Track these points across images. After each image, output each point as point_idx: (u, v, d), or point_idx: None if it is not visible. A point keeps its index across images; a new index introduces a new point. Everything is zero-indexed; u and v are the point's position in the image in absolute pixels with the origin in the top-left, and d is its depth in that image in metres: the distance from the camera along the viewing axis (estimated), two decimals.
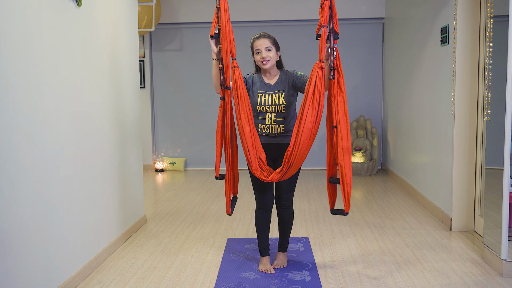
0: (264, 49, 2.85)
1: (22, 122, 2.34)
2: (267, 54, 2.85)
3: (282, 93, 2.88)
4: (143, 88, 7.05)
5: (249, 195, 5.29)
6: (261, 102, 2.89)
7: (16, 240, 2.30)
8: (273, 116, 2.89)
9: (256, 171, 2.78)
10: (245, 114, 2.74)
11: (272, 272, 3.03)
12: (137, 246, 3.61)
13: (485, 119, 3.22)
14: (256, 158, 2.78)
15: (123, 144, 3.73)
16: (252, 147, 2.76)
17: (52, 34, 2.63)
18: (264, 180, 2.79)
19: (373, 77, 7.01)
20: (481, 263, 3.17)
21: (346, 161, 2.69)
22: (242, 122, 2.74)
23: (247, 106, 2.75)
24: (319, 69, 2.63)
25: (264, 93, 2.90)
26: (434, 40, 4.39)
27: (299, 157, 2.68)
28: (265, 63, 2.86)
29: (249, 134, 2.75)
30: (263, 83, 2.93)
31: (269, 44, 2.86)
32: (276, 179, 2.78)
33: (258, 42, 2.87)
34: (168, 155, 7.22)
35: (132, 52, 4.00)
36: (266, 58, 2.85)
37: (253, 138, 2.77)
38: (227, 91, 2.80)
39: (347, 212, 2.74)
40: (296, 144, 2.66)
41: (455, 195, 3.87)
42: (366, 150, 6.59)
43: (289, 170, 2.74)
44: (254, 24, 6.87)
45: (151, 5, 6.14)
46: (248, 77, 2.96)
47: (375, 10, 6.79)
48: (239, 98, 2.74)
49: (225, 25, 2.71)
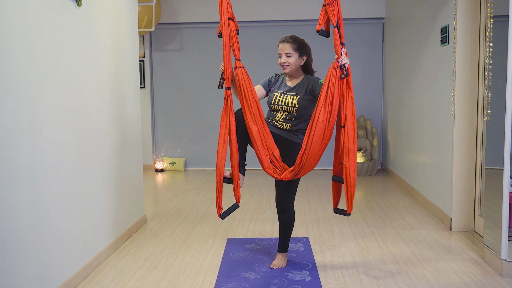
0: (284, 55, 2.91)
1: (22, 122, 2.34)
2: (287, 60, 2.91)
3: (297, 96, 2.91)
4: (143, 88, 7.05)
5: (249, 195, 5.29)
6: (274, 101, 2.95)
7: (16, 240, 2.30)
8: (284, 115, 2.92)
9: (268, 169, 2.79)
10: (251, 114, 2.75)
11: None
12: (137, 246, 3.61)
13: (485, 119, 3.22)
14: (268, 156, 2.78)
15: (123, 144, 3.73)
16: (262, 146, 2.77)
17: (52, 34, 2.63)
18: (276, 178, 2.79)
19: (373, 77, 7.01)
20: (481, 263, 3.17)
21: (351, 162, 2.71)
22: (248, 122, 2.75)
23: (254, 105, 2.75)
24: (333, 69, 2.67)
25: (280, 93, 2.95)
26: (434, 40, 4.39)
27: (311, 157, 2.70)
28: (285, 68, 2.93)
29: (257, 133, 2.75)
30: (284, 84, 3.00)
31: (290, 50, 2.90)
32: (288, 178, 2.79)
33: (281, 46, 2.94)
34: (168, 155, 7.22)
35: (132, 52, 4.00)
36: (285, 64, 2.92)
37: (263, 137, 2.77)
38: (227, 91, 2.79)
39: (349, 213, 2.77)
40: (309, 144, 2.68)
41: (455, 195, 3.87)
42: (366, 150, 6.59)
43: (302, 170, 2.76)
44: (253, 24, 6.87)
45: (151, 5, 6.14)
46: (274, 76, 3.06)
47: (375, 10, 6.79)
48: (244, 98, 2.75)
49: (224, 23, 2.71)
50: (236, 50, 2.75)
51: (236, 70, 2.76)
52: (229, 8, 2.74)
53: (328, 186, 5.78)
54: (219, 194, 2.81)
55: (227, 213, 2.86)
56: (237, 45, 2.76)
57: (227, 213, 2.85)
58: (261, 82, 3.08)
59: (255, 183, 5.99)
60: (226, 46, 2.73)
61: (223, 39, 2.73)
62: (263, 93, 3.04)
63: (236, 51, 2.75)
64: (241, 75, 2.74)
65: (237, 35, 2.77)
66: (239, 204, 2.91)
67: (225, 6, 2.72)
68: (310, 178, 6.30)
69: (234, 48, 2.75)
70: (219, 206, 2.83)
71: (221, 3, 2.72)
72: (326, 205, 4.81)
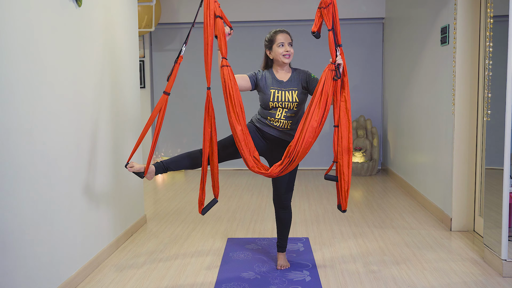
0: (287, 44, 2.90)
1: (22, 121, 2.34)
2: (290, 49, 2.90)
3: (296, 90, 2.89)
4: (143, 88, 7.05)
5: (249, 195, 5.29)
6: (274, 98, 2.89)
7: (16, 240, 2.30)
8: (285, 112, 2.89)
9: (253, 168, 2.76)
10: (235, 113, 2.70)
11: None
12: (137, 246, 3.61)
13: (485, 119, 3.22)
14: (251, 156, 2.77)
15: (123, 144, 3.73)
16: (245, 145, 2.74)
17: (52, 34, 2.63)
18: (264, 174, 2.77)
19: (373, 77, 7.01)
20: (481, 263, 3.17)
21: (344, 160, 2.74)
22: (232, 121, 2.70)
23: (238, 105, 2.70)
24: (329, 71, 2.67)
25: (277, 89, 2.91)
26: (434, 40, 4.39)
27: (300, 154, 2.69)
28: (287, 57, 2.90)
29: (241, 133, 2.71)
30: (275, 80, 2.94)
31: (291, 40, 2.92)
32: (276, 173, 2.75)
33: (282, 36, 2.91)
34: (168, 155, 7.22)
35: (132, 52, 4.00)
36: (288, 53, 2.90)
37: (245, 137, 2.75)
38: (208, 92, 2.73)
39: (344, 210, 2.82)
40: (300, 141, 2.67)
41: (455, 195, 3.87)
42: (366, 150, 6.59)
43: (290, 166, 2.74)
44: (252, 24, 6.87)
45: (151, 5, 6.14)
46: (258, 72, 2.97)
47: (375, 10, 6.79)
48: (229, 97, 2.69)
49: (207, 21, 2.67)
50: (224, 49, 2.72)
51: (221, 68, 2.71)
52: (217, 7, 2.73)
53: (328, 186, 5.78)
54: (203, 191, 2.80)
55: (207, 209, 2.83)
56: (225, 44, 2.72)
57: (207, 209, 2.83)
58: (248, 73, 2.97)
59: (255, 183, 5.99)
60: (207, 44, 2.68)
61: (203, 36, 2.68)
62: (248, 86, 2.94)
63: (223, 49, 2.72)
64: (226, 74, 2.70)
65: (226, 34, 2.73)
66: (217, 199, 2.89)
67: (212, 6, 2.71)
68: (310, 178, 6.30)
69: (222, 46, 2.71)
70: (202, 203, 2.81)
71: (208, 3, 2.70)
72: (326, 205, 4.81)
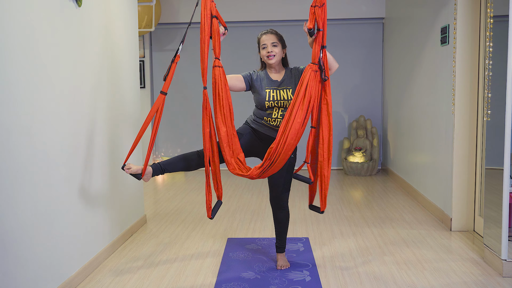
0: (270, 44, 2.88)
1: (22, 121, 2.34)
2: (273, 49, 2.88)
3: (290, 88, 2.89)
4: (143, 88, 7.05)
5: (249, 195, 5.29)
6: (269, 97, 2.88)
7: (16, 240, 2.30)
8: (281, 111, 2.89)
9: (233, 170, 2.74)
10: (222, 115, 2.70)
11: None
12: (137, 246, 3.61)
13: (485, 119, 3.22)
14: (233, 158, 2.75)
15: (123, 144, 3.73)
16: (228, 147, 2.72)
17: (52, 34, 2.63)
18: (243, 176, 2.74)
19: (373, 77, 7.01)
20: (481, 263, 3.17)
21: (324, 161, 2.76)
22: (218, 122, 2.70)
23: (226, 107, 2.70)
24: (312, 72, 2.65)
25: (272, 89, 2.90)
26: (434, 40, 4.39)
27: (282, 155, 2.66)
28: (271, 58, 2.88)
29: (225, 134, 2.71)
30: (269, 80, 2.94)
31: (275, 40, 2.90)
32: (256, 175, 2.72)
33: (265, 37, 2.90)
34: (168, 155, 7.22)
35: (132, 52, 4.00)
36: (272, 53, 2.88)
37: (230, 139, 2.73)
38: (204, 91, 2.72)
39: (322, 211, 2.93)
40: (281, 143, 2.63)
41: (455, 195, 3.87)
42: (366, 150, 6.59)
43: (271, 168, 2.71)
44: (251, 24, 6.87)
45: (151, 5, 6.14)
46: (253, 73, 2.96)
47: (375, 10, 6.79)
48: (218, 98, 2.69)
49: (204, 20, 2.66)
50: (217, 49, 2.71)
51: (213, 69, 2.71)
52: (213, 6, 2.72)
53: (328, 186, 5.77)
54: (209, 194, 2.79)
55: (214, 212, 2.84)
56: (219, 44, 2.72)
57: (214, 212, 2.84)
58: (243, 74, 2.96)
59: (255, 183, 5.99)
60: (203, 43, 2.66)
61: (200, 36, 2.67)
62: (242, 87, 2.92)
63: (217, 50, 2.71)
64: (218, 75, 2.70)
65: (220, 34, 2.73)
66: (221, 201, 2.91)
67: (209, 5, 2.71)
68: None
69: (215, 46, 2.71)
70: (210, 206, 2.80)
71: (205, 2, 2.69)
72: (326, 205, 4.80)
